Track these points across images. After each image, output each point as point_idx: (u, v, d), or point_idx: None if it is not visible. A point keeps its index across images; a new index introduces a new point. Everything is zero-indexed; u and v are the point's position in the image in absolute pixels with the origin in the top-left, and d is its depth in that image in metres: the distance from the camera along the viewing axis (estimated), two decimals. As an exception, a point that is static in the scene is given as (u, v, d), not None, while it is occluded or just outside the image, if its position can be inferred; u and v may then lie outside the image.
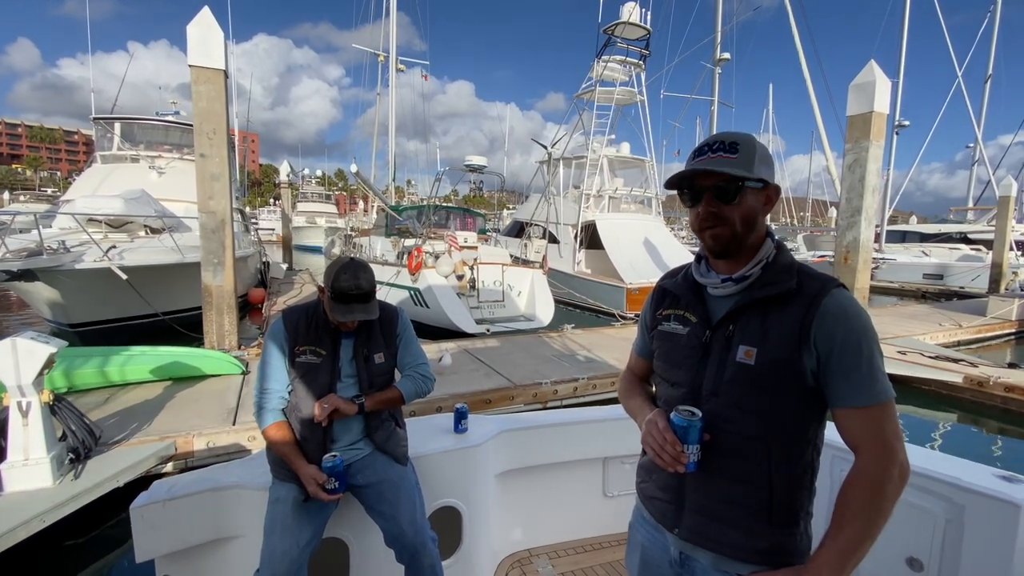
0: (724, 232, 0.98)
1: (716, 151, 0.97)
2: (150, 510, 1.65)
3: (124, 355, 4.86)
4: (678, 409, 0.99)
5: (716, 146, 0.97)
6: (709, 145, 0.99)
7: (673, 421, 0.99)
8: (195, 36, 5.77)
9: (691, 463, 0.97)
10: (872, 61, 6.92)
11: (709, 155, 0.97)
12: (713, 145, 0.98)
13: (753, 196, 0.97)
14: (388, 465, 1.75)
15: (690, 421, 0.97)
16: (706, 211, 0.99)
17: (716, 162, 0.96)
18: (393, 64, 17.07)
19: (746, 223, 0.98)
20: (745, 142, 0.97)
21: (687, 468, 0.97)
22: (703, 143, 1.00)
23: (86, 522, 3.22)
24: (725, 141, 0.98)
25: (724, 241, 0.99)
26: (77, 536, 3.20)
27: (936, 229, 20.32)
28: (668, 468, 0.98)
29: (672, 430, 0.98)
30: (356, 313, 1.64)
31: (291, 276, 16.01)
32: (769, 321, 0.96)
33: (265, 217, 37.73)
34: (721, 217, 0.97)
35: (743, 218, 0.97)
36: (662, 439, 0.99)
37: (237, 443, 3.99)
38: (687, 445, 0.97)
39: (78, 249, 6.86)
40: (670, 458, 0.97)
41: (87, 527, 3.25)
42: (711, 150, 0.97)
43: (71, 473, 3.26)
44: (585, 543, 2.46)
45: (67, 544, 3.15)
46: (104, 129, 10.89)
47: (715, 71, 18.32)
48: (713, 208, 0.98)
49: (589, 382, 5.42)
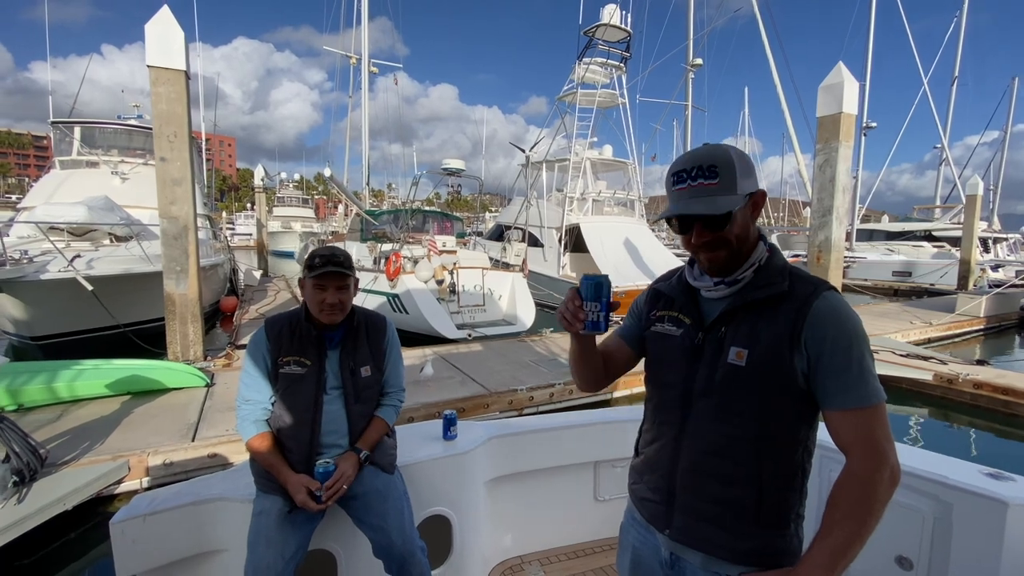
0: (720, 255, 0.99)
1: (696, 178, 0.95)
2: (130, 525, 1.61)
3: (75, 369, 4.62)
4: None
5: (695, 172, 0.95)
6: (687, 171, 0.96)
7: (581, 282, 1.03)
8: (154, 35, 5.55)
9: (589, 322, 1.00)
10: (840, 63, 7.04)
11: (689, 183, 0.96)
12: (691, 171, 0.96)
13: (741, 212, 0.97)
14: (375, 475, 1.71)
15: (593, 277, 1.01)
16: (700, 241, 0.99)
17: (698, 191, 0.95)
18: (365, 67, 16.90)
19: (741, 240, 0.99)
20: (723, 161, 0.95)
21: (584, 327, 1.01)
22: (680, 167, 0.98)
23: (39, 541, 3.06)
24: (703, 165, 0.95)
25: (722, 262, 1.00)
26: (26, 556, 3.02)
27: (901, 227, 20.88)
28: (568, 329, 1.04)
29: (577, 292, 1.02)
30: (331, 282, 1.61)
31: (265, 283, 15.64)
32: (761, 323, 0.97)
33: (242, 222, 36.99)
34: (714, 243, 0.98)
35: (737, 237, 0.98)
36: (568, 302, 1.03)
37: (196, 459, 3.81)
38: (586, 302, 1.00)
39: (41, 259, 6.55)
40: (571, 316, 1.02)
41: (38, 546, 3.09)
42: (690, 177, 0.96)
43: (15, 497, 3.06)
44: (577, 548, 2.43)
45: (16, 564, 2.96)
46: (63, 133, 10.46)
47: (688, 76, 18.57)
48: (706, 238, 0.98)
49: (566, 387, 5.35)
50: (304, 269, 1.67)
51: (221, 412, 4.42)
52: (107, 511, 3.54)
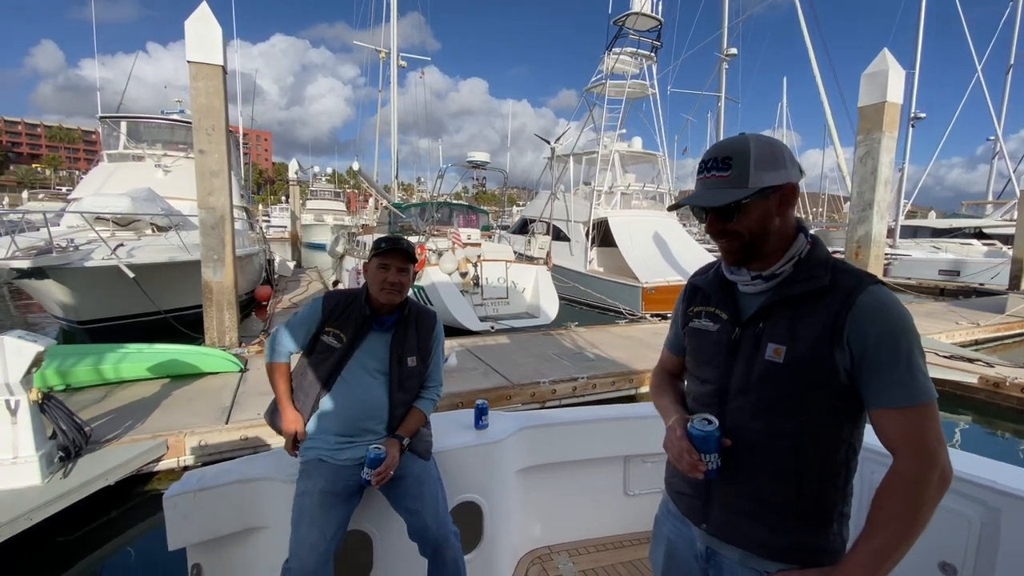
0: (733, 246, 0.99)
1: (711, 170, 0.97)
2: (182, 499, 1.68)
3: (119, 352, 4.86)
4: (694, 419, 1.00)
5: (711, 163, 0.97)
6: (706, 163, 0.98)
7: (689, 431, 1.00)
8: (193, 32, 5.75)
9: (711, 471, 0.99)
10: (885, 50, 6.71)
11: (706, 174, 0.98)
12: (709, 163, 0.97)
13: (758, 206, 0.95)
14: (412, 460, 1.78)
15: (706, 431, 0.97)
16: (711, 229, 1.01)
17: (711, 183, 0.96)
18: (394, 61, 17.04)
19: (755, 233, 0.97)
20: (739, 153, 0.95)
21: (707, 475, 0.99)
22: (704, 158, 1.00)
23: (81, 518, 3.23)
24: (719, 157, 0.96)
25: (735, 253, 1.00)
26: (69, 533, 3.20)
27: (949, 224, 19.80)
28: (687, 474, 1.01)
29: (689, 439, 1.00)
30: (394, 262, 1.72)
31: (299, 274, 16.07)
32: (800, 319, 0.95)
33: (278, 215, 37.99)
34: (727, 233, 0.98)
35: (750, 230, 0.97)
36: (679, 448, 1.01)
37: (229, 441, 3.97)
38: (704, 454, 0.98)
39: (86, 247, 6.90)
40: (688, 466, 1.00)
41: (81, 523, 3.25)
42: (706, 169, 0.97)
43: (60, 472, 3.25)
44: (606, 541, 2.44)
45: (59, 540, 3.15)
46: (111, 128, 10.97)
47: (722, 66, 18.01)
48: (718, 227, 0.99)
49: (589, 382, 5.32)
50: (371, 252, 1.79)
51: (253, 397, 4.58)
52: (146, 488, 3.73)
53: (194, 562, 1.75)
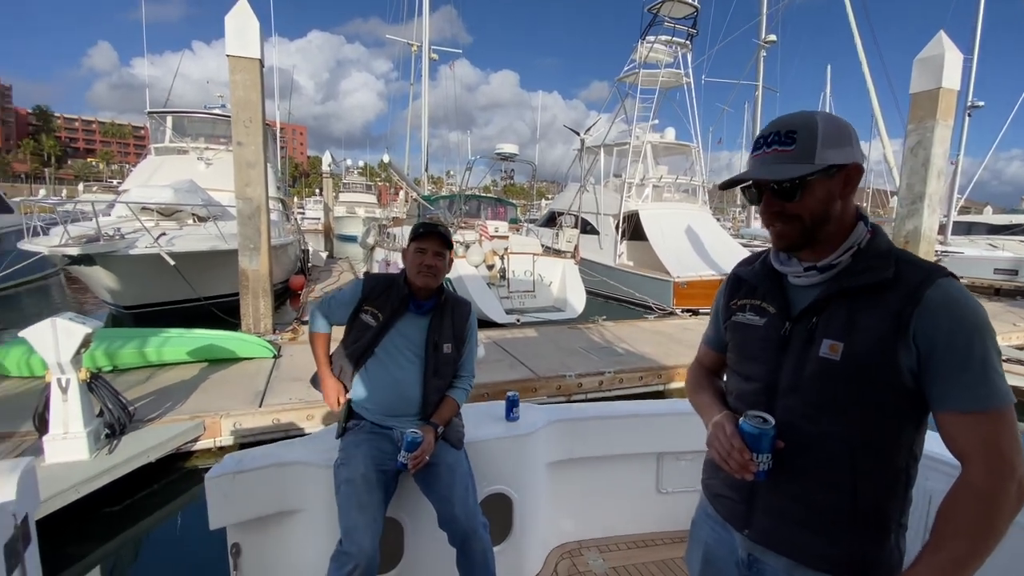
0: (790, 230, 0.91)
1: (771, 144, 0.90)
2: (223, 481, 1.73)
3: (162, 336, 5.08)
4: (748, 415, 0.93)
5: (771, 137, 0.90)
6: (765, 137, 0.91)
7: (742, 428, 0.93)
8: (233, 26, 5.90)
9: (760, 472, 0.91)
10: (941, 32, 6.30)
11: (765, 150, 0.90)
12: (768, 137, 0.90)
13: (822, 186, 0.88)
14: (445, 449, 1.81)
15: (761, 429, 0.90)
16: (767, 211, 0.93)
17: (771, 159, 0.89)
18: (426, 54, 17.10)
19: (816, 217, 0.89)
20: (805, 126, 0.88)
21: (756, 477, 0.91)
22: (761, 133, 0.93)
23: (124, 491, 3.41)
24: (781, 131, 0.89)
25: (791, 238, 0.93)
26: (114, 504, 3.37)
27: (1007, 220, 18.53)
28: (735, 475, 0.93)
29: (740, 437, 0.92)
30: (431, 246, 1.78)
31: (331, 264, 16.46)
32: (859, 313, 0.87)
33: (312, 207, 38.92)
34: (785, 215, 0.91)
35: (812, 213, 0.89)
36: (729, 445, 0.93)
37: (263, 425, 4.10)
38: (756, 454, 0.90)
39: (132, 236, 7.24)
40: (737, 465, 0.92)
41: (124, 495, 3.43)
42: (766, 143, 0.90)
43: (106, 448, 3.42)
44: (637, 538, 2.40)
45: (105, 511, 3.32)
46: (158, 123, 11.45)
47: (760, 54, 17.33)
48: (775, 208, 0.91)
49: (615, 376, 5.24)
50: (409, 236, 1.86)
51: (286, 383, 4.71)
52: (185, 465, 3.89)
53: (233, 541, 1.80)
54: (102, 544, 3.18)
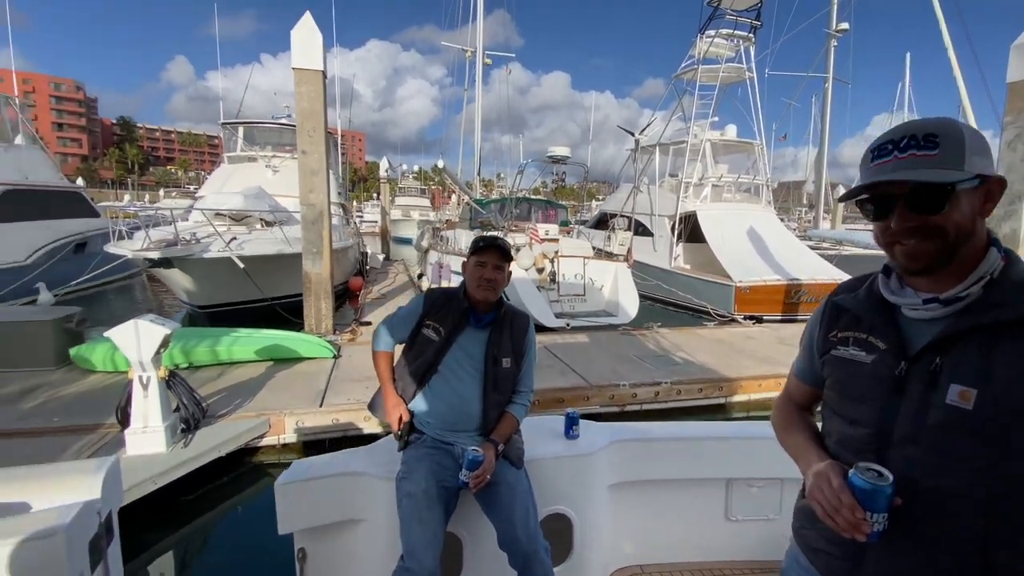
0: (929, 247, 0.78)
1: (906, 149, 0.77)
2: (292, 488, 1.77)
3: (232, 336, 5.38)
4: (859, 467, 0.81)
5: (904, 142, 0.77)
6: (894, 142, 0.78)
7: (852, 482, 0.80)
8: (298, 40, 6.18)
9: (874, 533, 0.79)
10: (1050, 12, 5.61)
11: (896, 156, 0.78)
12: (900, 141, 0.78)
13: (968, 198, 0.77)
14: (505, 467, 1.78)
15: (876, 485, 0.78)
16: (901, 227, 0.79)
17: (910, 163, 0.76)
18: (480, 59, 17.32)
19: (961, 234, 0.77)
20: (947, 131, 0.76)
21: (869, 539, 0.79)
22: (884, 139, 0.80)
23: (198, 482, 3.61)
24: (918, 134, 0.77)
25: (928, 258, 0.79)
26: (188, 494, 3.58)
27: None
28: (842, 533, 0.81)
29: (850, 492, 0.79)
30: (490, 259, 1.78)
31: (387, 266, 16.96)
32: (996, 355, 0.75)
33: (369, 210, 40.39)
34: (925, 229, 0.78)
35: (958, 227, 0.77)
36: (836, 500, 0.80)
37: (323, 423, 4.24)
38: (870, 513, 0.78)
39: (206, 240, 7.76)
40: (847, 524, 0.79)
41: (197, 486, 3.63)
42: (897, 148, 0.78)
43: (182, 442, 3.65)
44: (703, 567, 2.28)
45: (180, 500, 3.53)
46: (230, 132, 12.25)
47: (830, 44, 16.22)
48: (913, 222, 0.78)
49: (673, 387, 5.04)
50: (469, 250, 1.87)
51: (345, 382, 4.86)
52: (251, 460, 4.08)
53: (300, 546, 1.83)
54: (175, 532, 3.39)
